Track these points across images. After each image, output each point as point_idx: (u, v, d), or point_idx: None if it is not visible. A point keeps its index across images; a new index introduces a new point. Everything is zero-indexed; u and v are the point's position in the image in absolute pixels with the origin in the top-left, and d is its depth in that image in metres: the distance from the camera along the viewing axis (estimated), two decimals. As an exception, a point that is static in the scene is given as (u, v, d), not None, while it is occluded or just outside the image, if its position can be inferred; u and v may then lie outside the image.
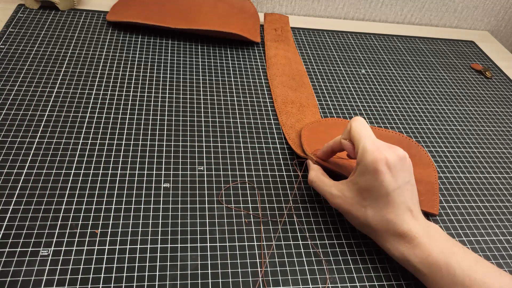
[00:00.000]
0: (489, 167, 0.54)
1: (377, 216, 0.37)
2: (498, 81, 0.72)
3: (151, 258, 0.37)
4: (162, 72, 0.59)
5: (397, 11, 0.85)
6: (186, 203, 0.43)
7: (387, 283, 0.39)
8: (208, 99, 0.56)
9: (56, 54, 0.58)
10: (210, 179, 0.45)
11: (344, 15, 0.84)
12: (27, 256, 0.36)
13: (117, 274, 0.36)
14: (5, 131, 0.46)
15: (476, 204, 0.49)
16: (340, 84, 0.64)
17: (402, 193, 0.36)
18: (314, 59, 0.68)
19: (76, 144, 0.46)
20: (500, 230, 0.46)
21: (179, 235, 0.40)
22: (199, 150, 0.48)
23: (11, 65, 0.55)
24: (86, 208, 0.40)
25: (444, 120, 0.61)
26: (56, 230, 0.38)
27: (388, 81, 0.67)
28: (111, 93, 0.54)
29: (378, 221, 0.37)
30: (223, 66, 0.63)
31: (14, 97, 0.50)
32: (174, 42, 0.65)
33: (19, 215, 0.39)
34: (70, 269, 0.35)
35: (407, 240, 0.36)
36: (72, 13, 0.67)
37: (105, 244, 0.38)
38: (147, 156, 0.47)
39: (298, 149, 0.49)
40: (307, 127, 0.52)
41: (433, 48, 0.78)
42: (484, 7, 0.87)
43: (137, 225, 0.40)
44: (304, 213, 0.44)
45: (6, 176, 0.42)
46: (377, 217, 0.37)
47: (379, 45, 0.76)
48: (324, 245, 0.41)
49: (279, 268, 0.38)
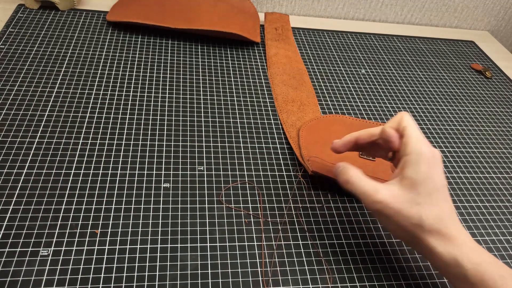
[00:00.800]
0: (489, 167, 0.54)
1: (433, 213, 0.33)
2: (498, 81, 0.72)
3: (151, 258, 0.37)
4: (162, 72, 0.59)
5: (397, 11, 0.85)
6: (186, 203, 0.43)
7: (387, 283, 0.39)
8: (208, 99, 0.56)
9: (56, 54, 0.58)
10: (210, 179, 0.45)
11: (344, 15, 0.84)
12: (27, 256, 0.36)
13: (117, 274, 0.36)
14: (5, 131, 0.46)
15: (476, 204, 0.49)
16: (340, 84, 0.64)
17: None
18: (314, 59, 0.68)
19: (76, 144, 0.46)
20: (500, 230, 0.46)
21: (179, 235, 0.40)
22: (199, 150, 0.48)
23: (11, 65, 0.55)
24: (86, 208, 0.40)
25: (444, 120, 0.61)
26: (56, 230, 0.38)
27: (388, 81, 0.67)
28: (111, 93, 0.54)
29: (433, 219, 0.33)
30: (223, 66, 0.63)
31: (14, 97, 0.50)
32: (174, 42, 0.65)
33: (19, 215, 0.39)
34: (70, 269, 0.35)
35: (459, 243, 0.33)
36: (72, 13, 0.67)
37: (105, 244, 0.38)
38: (147, 156, 0.47)
39: (297, 151, 0.49)
40: (306, 126, 0.52)
41: (433, 48, 0.78)
42: (484, 7, 0.87)
43: (137, 225, 0.40)
44: (304, 213, 0.44)
45: (6, 176, 0.42)
46: (432, 214, 0.33)
47: (379, 45, 0.76)
48: (324, 245, 0.41)
49: (279, 268, 0.38)
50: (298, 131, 0.52)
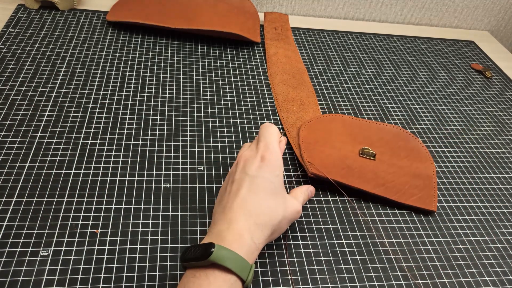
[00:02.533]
0: (489, 167, 0.54)
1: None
2: (498, 81, 0.72)
3: (151, 258, 0.37)
4: (162, 72, 0.59)
5: (397, 11, 0.85)
6: (186, 203, 0.43)
7: (387, 283, 0.39)
8: (208, 99, 0.56)
9: (56, 54, 0.58)
10: (210, 179, 0.45)
11: (344, 15, 0.84)
12: (27, 256, 0.36)
13: (117, 274, 0.36)
14: (5, 131, 0.46)
15: (476, 204, 0.49)
16: (340, 84, 0.64)
17: None
18: (314, 59, 0.68)
19: (76, 144, 0.46)
20: (500, 230, 0.46)
21: (179, 235, 0.40)
22: (199, 150, 0.48)
23: (11, 65, 0.55)
24: (86, 208, 0.40)
25: (444, 120, 0.61)
26: (56, 230, 0.38)
27: (388, 81, 0.67)
28: (111, 93, 0.54)
29: None
30: (223, 66, 0.62)
31: (14, 97, 0.50)
32: (174, 42, 0.65)
33: (19, 215, 0.39)
34: (70, 269, 0.35)
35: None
36: (72, 13, 0.67)
37: (105, 244, 0.38)
38: (147, 156, 0.47)
39: (297, 151, 0.49)
40: (306, 125, 0.52)
41: (433, 48, 0.78)
42: (484, 7, 0.87)
43: (137, 225, 0.40)
44: (304, 213, 0.44)
45: (6, 176, 0.42)
46: None
47: (379, 45, 0.76)
48: (324, 245, 0.41)
49: (279, 268, 0.38)
50: (298, 130, 0.52)
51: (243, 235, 0.32)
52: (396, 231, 0.44)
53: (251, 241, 0.32)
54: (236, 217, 0.33)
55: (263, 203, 0.34)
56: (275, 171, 0.36)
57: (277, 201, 0.35)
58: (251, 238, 0.32)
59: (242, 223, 0.32)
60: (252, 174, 0.35)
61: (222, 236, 0.31)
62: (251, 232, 0.32)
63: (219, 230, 0.32)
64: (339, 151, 0.49)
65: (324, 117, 0.54)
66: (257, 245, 0.32)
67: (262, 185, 0.35)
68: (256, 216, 0.33)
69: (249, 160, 0.37)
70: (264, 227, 0.33)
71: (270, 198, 0.35)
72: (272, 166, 0.36)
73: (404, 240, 0.43)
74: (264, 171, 0.35)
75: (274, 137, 0.38)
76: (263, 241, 0.33)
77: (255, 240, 0.32)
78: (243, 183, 0.35)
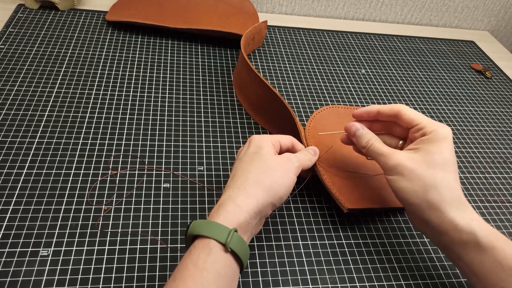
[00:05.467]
0: (489, 167, 0.54)
1: (446, 179, 0.36)
2: (498, 81, 0.72)
3: (151, 258, 0.37)
4: (162, 72, 0.59)
5: (397, 11, 0.85)
6: (186, 203, 0.43)
7: (387, 283, 0.39)
8: (208, 99, 0.56)
9: (56, 54, 0.58)
10: (210, 179, 0.45)
11: (344, 15, 0.84)
12: (27, 256, 0.36)
13: (117, 274, 0.36)
14: (5, 131, 0.46)
15: (476, 204, 0.49)
16: (340, 84, 0.64)
17: None
18: (314, 59, 0.68)
19: (76, 144, 0.46)
20: (500, 230, 0.46)
21: (179, 235, 0.40)
22: (199, 150, 0.48)
23: (11, 65, 0.55)
24: (86, 208, 0.40)
25: (444, 120, 0.61)
26: (56, 230, 0.38)
27: (388, 81, 0.67)
28: (111, 93, 0.54)
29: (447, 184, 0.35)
30: (223, 66, 0.62)
31: (14, 97, 0.50)
32: (174, 42, 0.65)
33: (19, 215, 0.39)
34: (70, 269, 0.35)
35: (472, 211, 0.36)
36: (72, 13, 0.67)
37: (105, 244, 0.38)
38: (147, 156, 0.47)
39: (327, 182, 0.44)
40: (314, 118, 0.49)
41: (433, 48, 0.78)
42: (484, 7, 0.87)
43: (137, 225, 0.40)
44: (304, 213, 0.44)
45: (6, 176, 0.42)
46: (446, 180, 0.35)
47: (379, 45, 0.76)
48: (324, 245, 0.41)
49: (279, 268, 0.38)
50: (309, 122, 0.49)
51: (224, 202, 0.34)
52: (396, 231, 0.44)
53: (234, 205, 0.33)
54: (226, 189, 0.36)
55: (245, 167, 0.37)
56: (258, 144, 0.38)
57: (259, 164, 0.37)
58: (233, 202, 0.33)
59: (227, 192, 0.35)
60: (239, 156, 0.39)
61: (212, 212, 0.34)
62: (233, 198, 0.34)
63: None
64: (352, 159, 0.47)
65: (330, 109, 0.51)
66: (241, 207, 0.33)
67: (248, 158, 0.37)
68: (240, 182, 0.35)
69: (240, 152, 0.40)
70: (250, 187, 0.35)
71: (252, 165, 0.37)
72: (254, 142, 0.39)
73: (404, 240, 0.43)
74: (249, 149, 0.38)
75: (265, 135, 0.40)
76: (251, 201, 0.34)
77: (238, 203, 0.33)
78: (234, 165, 0.39)
